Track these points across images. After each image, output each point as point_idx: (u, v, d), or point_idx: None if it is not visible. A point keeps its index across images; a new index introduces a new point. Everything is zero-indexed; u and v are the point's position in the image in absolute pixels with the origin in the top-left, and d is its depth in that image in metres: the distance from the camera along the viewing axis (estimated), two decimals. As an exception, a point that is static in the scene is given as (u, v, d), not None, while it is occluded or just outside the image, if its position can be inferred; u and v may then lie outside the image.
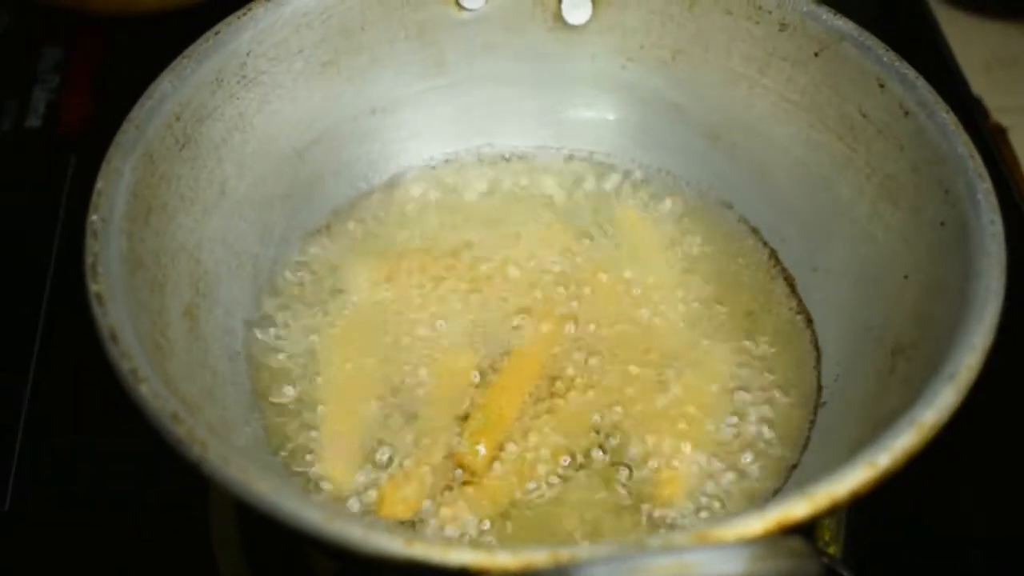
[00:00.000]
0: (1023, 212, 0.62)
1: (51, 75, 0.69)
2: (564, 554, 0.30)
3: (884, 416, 0.37)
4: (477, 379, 0.45)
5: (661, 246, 0.50)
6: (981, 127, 0.67)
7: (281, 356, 0.46)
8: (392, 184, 0.52)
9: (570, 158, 0.53)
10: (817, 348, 0.46)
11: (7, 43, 0.71)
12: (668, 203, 0.52)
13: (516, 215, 0.51)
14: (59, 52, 0.70)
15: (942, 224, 0.42)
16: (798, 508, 0.32)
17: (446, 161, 0.53)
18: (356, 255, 0.50)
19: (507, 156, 0.53)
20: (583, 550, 0.30)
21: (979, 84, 0.71)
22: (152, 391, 0.34)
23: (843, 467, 0.33)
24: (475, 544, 0.40)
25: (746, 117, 0.50)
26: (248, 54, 0.46)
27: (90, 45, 0.71)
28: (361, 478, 0.43)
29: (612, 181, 0.53)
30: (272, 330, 0.47)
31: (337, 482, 0.43)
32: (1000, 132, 0.70)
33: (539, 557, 0.30)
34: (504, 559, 0.31)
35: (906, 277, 0.43)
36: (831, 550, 0.47)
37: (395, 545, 0.31)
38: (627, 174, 0.53)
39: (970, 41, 0.76)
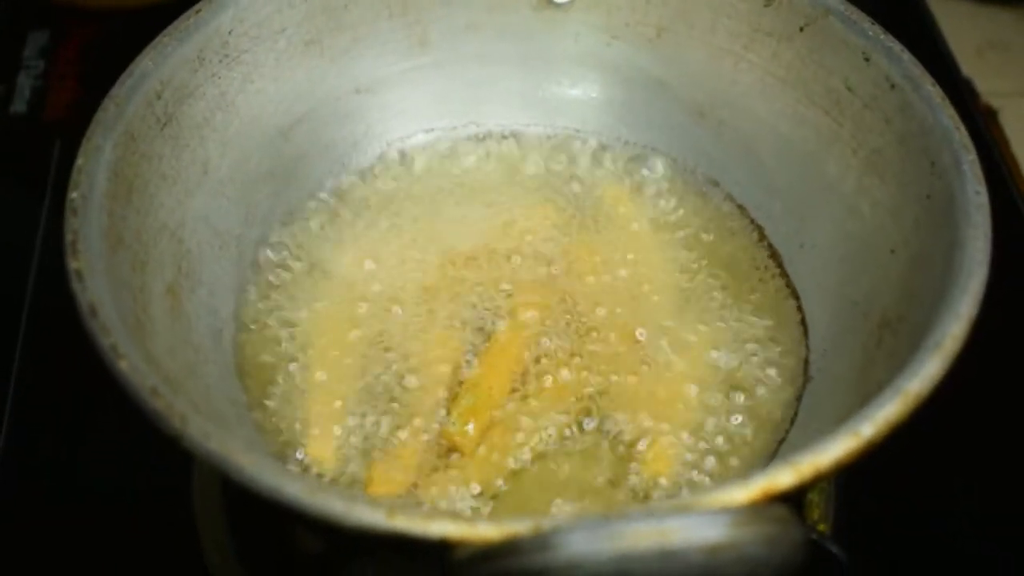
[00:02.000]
0: (1013, 191, 0.62)
1: (36, 60, 0.68)
2: (546, 523, 0.30)
3: (871, 389, 0.37)
4: (465, 357, 0.45)
5: (647, 224, 0.50)
6: (971, 108, 0.67)
7: (266, 335, 0.46)
8: (376, 164, 0.52)
9: (555, 136, 0.53)
10: (804, 323, 0.46)
11: (-8, 28, 0.71)
12: (654, 181, 0.51)
13: (501, 194, 0.51)
14: (45, 37, 0.70)
15: (928, 197, 0.41)
16: (783, 477, 0.32)
17: (430, 140, 0.53)
18: (340, 234, 0.49)
19: (492, 135, 0.53)
20: (564, 520, 0.30)
21: (971, 67, 0.71)
22: (132, 366, 0.34)
23: (828, 437, 0.33)
24: (456, 516, 0.40)
25: (732, 93, 0.49)
26: (230, 33, 0.46)
27: (77, 31, 0.71)
28: (349, 457, 0.42)
29: (598, 159, 0.52)
30: (256, 310, 0.46)
31: (324, 461, 0.42)
32: (991, 113, 0.70)
33: (521, 527, 0.30)
34: (485, 530, 0.30)
35: (892, 251, 0.43)
36: (821, 528, 0.47)
37: (376, 517, 0.31)
38: (613, 152, 0.52)
39: (962, 26, 0.76)
